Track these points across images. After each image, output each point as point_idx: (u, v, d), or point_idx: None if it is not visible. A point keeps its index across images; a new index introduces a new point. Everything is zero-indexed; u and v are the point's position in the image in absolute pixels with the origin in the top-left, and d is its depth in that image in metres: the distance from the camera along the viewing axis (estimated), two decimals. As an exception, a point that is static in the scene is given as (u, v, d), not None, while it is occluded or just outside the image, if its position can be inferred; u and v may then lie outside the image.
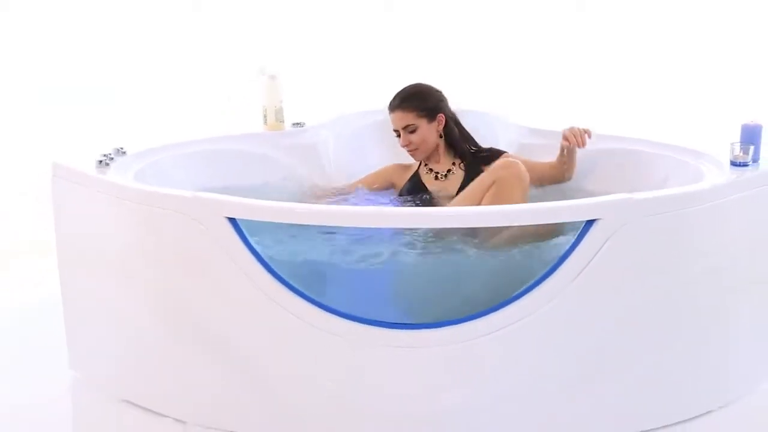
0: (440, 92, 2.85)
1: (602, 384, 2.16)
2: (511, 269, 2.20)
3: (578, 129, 2.69)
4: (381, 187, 2.94)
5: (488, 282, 2.18)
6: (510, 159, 2.54)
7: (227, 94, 4.11)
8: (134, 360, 2.39)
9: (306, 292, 2.11)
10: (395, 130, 2.83)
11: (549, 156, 2.79)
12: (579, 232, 2.06)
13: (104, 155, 2.51)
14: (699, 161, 2.52)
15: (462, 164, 2.84)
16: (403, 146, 2.83)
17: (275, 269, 2.11)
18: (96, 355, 2.50)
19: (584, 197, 2.25)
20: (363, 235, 2.31)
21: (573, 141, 2.68)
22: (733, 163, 2.34)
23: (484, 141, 2.94)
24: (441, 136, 2.84)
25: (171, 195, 2.21)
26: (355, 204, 2.78)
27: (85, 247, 2.43)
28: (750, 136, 2.35)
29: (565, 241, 2.13)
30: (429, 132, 2.80)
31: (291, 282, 2.11)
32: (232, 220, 2.10)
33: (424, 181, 2.85)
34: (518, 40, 4.50)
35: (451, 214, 2.18)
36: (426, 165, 2.88)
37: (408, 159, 2.93)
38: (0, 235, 3.80)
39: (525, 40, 4.49)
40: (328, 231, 2.32)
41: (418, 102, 2.79)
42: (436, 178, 2.84)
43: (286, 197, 2.71)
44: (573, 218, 2.09)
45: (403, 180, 2.91)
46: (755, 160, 2.34)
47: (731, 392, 2.35)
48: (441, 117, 2.82)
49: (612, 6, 4.45)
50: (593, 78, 4.39)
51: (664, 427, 2.23)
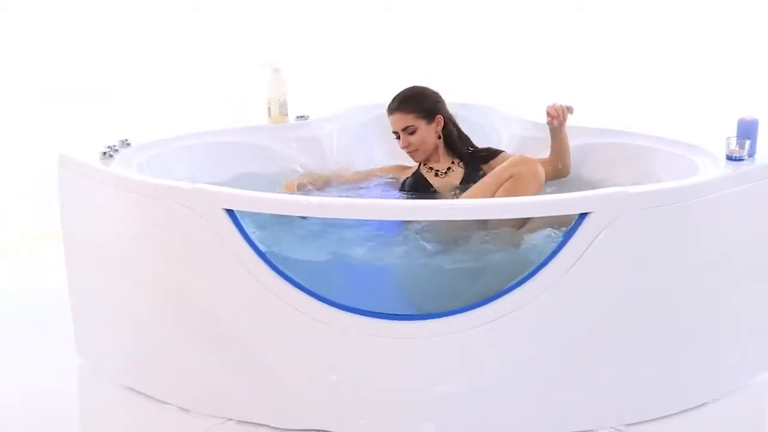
0: (438, 94, 2.86)
1: (595, 375, 2.17)
2: (508, 260, 2.23)
3: (560, 105, 2.70)
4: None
5: (487, 272, 2.19)
6: (526, 156, 2.53)
7: (227, 94, 4.13)
8: (138, 348, 2.42)
9: (303, 284, 2.12)
10: (394, 132, 2.85)
11: (549, 150, 2.80)
12: (572, 224, 2.08)
13: (108, 146, 2.55)
14: (694, 155, 2.52)
15: (461, 163, 2.86)
16: (403, 148, 2.84)
17: (272, 261, 2.12)
18: (101, 342, 2.53)
19: (580, 190, 2.25)
20: (361, 228, 2.34)
21: (555, 115, 2.69)
22: (729, 158, 2.34)
23: (486, 135, 2.96)
24: (440, 137, 2.85)
25: (171, 186, 2.23)
26: (362, 196, 2.80)
27: (90, 237, 2.46)
28: (746, 130, 2.35)
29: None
30: (428, 133, 2.82)
31: (288, 273, 2.12)
32: (230, 212, 2.12)
33: (425, 177, 2.86)
34: (519, 34, 4.51)
35: (443, 207, 2.20)
36: (426, 164, 2.89)
37: (408, 161, 2.94)
38: (5, 226, 3.86)
39: (525, 35, 4.50)
40: (328, 223, 2.34)
41: (417, 103, 2.81)
42: (437, 175, 2.85)
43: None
44: (566, 211, 2.10)
45: (404, 177, 2.92)
46: (751, 154, 2.34)
47: (726, 385, 2.35)
48: (439, 118, 2.83)
49: (611, 2, 4.45)
50: (590, 72, 4.39)
51: (658, 418, 2.24)
